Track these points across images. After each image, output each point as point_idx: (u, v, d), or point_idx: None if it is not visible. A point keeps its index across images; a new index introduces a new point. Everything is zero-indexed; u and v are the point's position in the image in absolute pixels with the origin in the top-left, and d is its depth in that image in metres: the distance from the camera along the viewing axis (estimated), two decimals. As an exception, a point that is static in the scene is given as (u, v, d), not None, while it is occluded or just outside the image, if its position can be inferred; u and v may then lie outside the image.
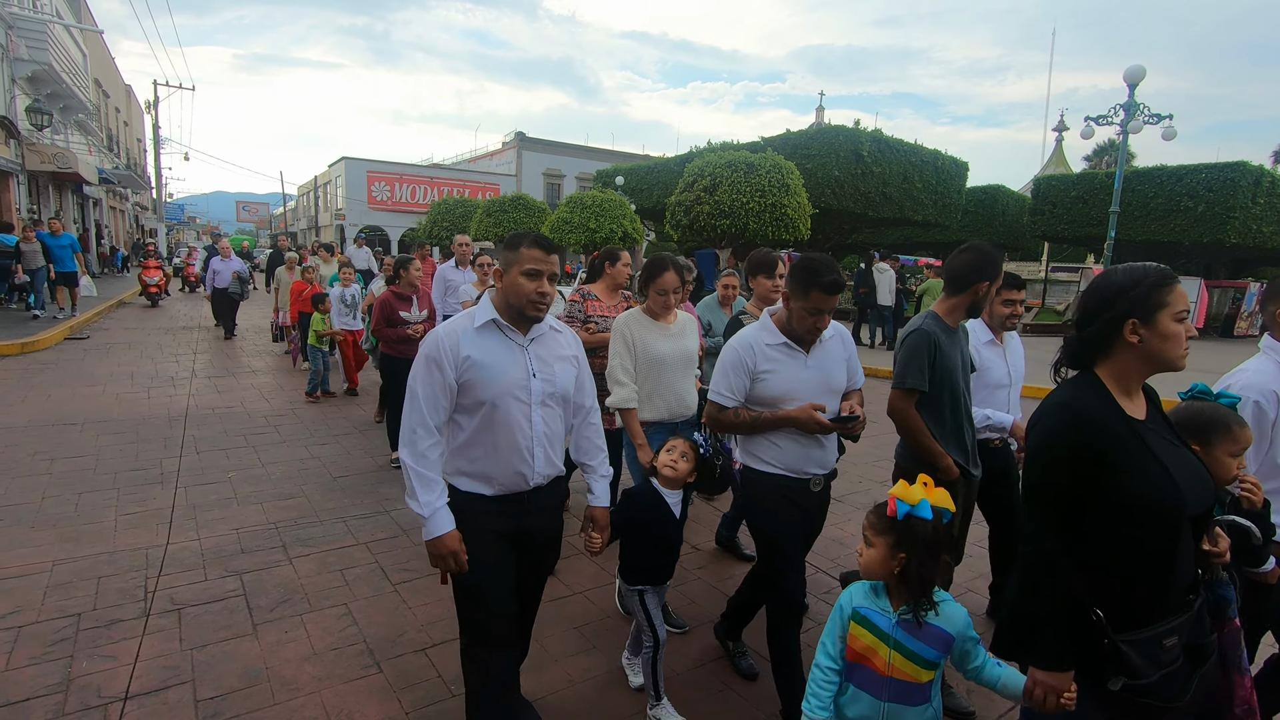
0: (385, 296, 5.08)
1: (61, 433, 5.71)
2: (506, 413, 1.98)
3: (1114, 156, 27.34)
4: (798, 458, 2.37)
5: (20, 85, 16.00)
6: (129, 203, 36.61)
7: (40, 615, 2.99)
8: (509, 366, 1.99)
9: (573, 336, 2.23)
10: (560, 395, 2.09)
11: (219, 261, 11.44)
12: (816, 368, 2.38)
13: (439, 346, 1.95)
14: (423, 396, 1.94)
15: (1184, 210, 18.32)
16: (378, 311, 5.06)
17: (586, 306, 3.63)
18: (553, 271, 1.99)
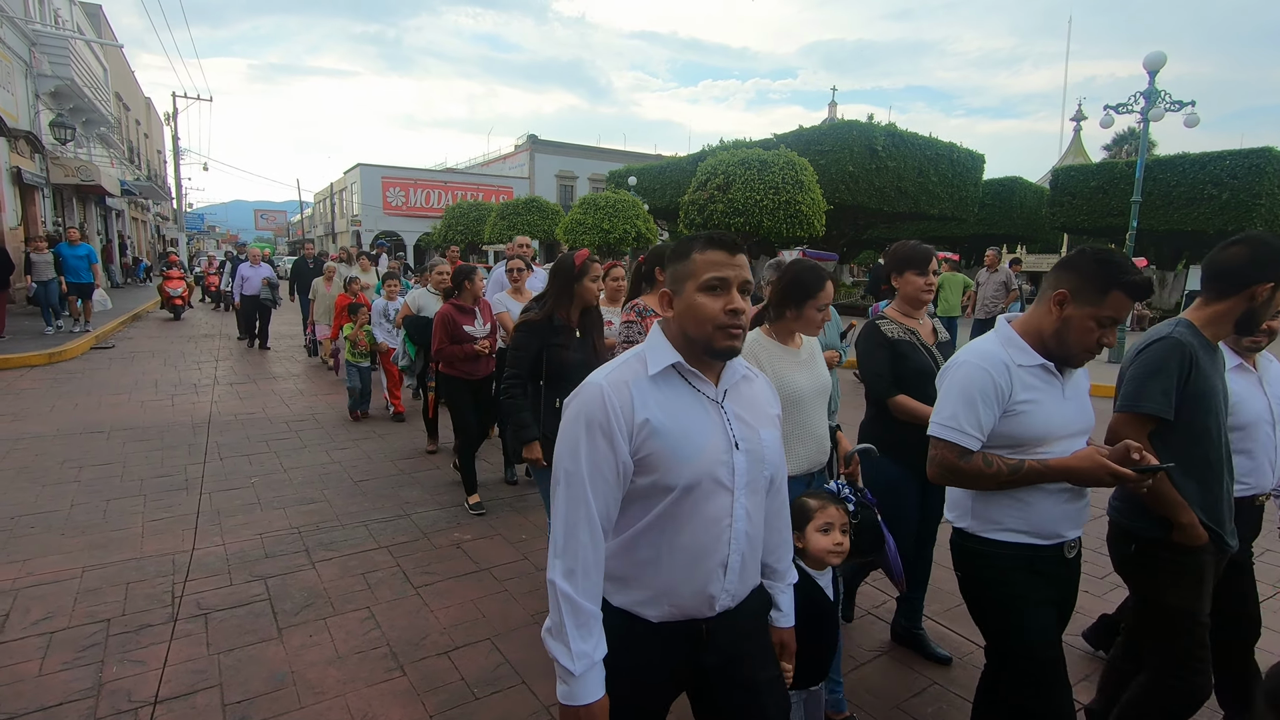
0: (446, 311, 4.51)
1: (89, 441, 5.81)
2: (700, 503, 1.33)
3: (1134, 146, 26.92)
4: (1052, 517, 1.77)
5: (44, 100, 16.33)
6: (150, 213, 37.25)
7: (72, 621, 3.04)
8: (706, 434, 1.35)
9: (767, 385, 1.56)
10: (770, 474, 1.44)
11: (248, 268, 11.24)
12: (1074, 398, 1.81)
13: (605, 405, 1.30)
14: (589, 482, 1.30)
15: (1208, 198, 17.98)
16: (439, 328, 4.47)
17: (645, 326, 3.12)
18: (744, 279, 1.35)
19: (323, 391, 8.19)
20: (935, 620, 3.22)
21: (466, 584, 3.48)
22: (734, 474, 1.36)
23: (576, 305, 3.12)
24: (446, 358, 4.50)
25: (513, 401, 3.03)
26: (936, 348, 2.75)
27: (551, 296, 3.10)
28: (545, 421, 3.04)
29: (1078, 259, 1.73)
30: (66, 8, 19.62)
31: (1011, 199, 26.41)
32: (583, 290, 3.09)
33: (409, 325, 5.84)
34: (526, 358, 3.04)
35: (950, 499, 1.95)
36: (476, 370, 4.56)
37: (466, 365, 4.52)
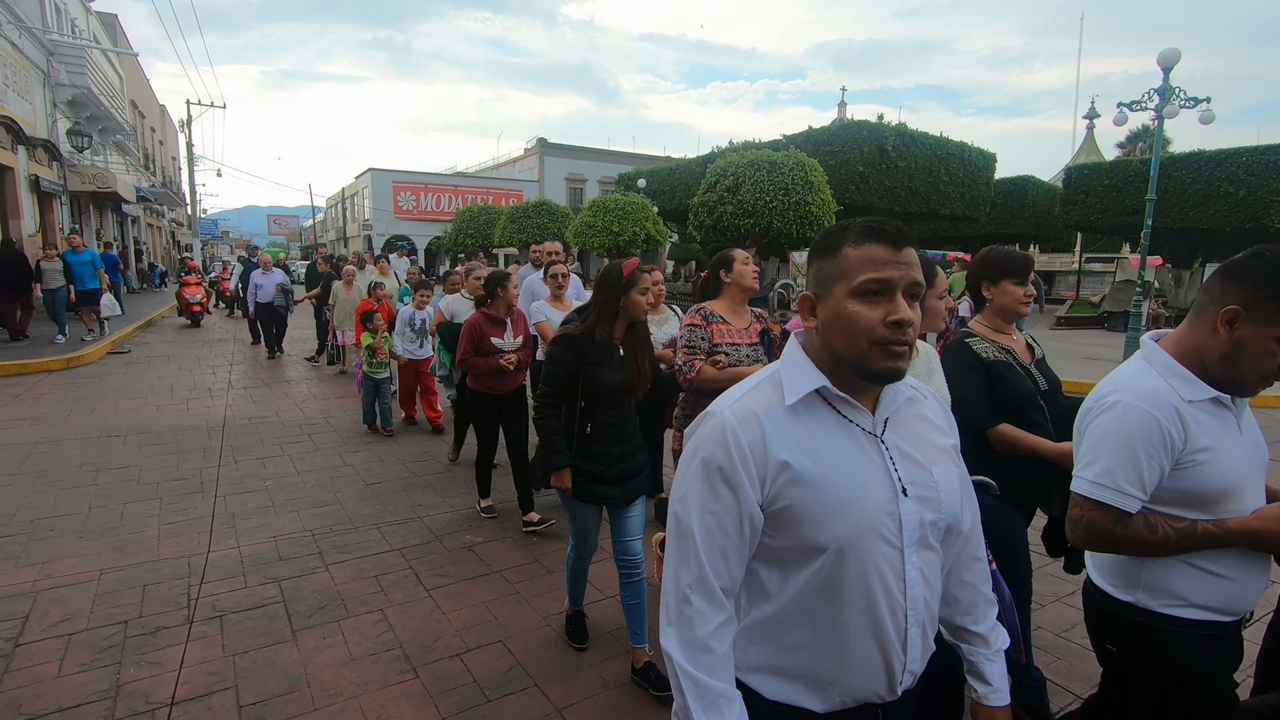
0: (475, 320, 4.18)
1: (106, 444, 5.88)
2: (862, 568, 1.05)
3: (1148, 143, 26.64)
4: (1240, 589, 1.47)
5: (62, 109, 16.56)
6: (165, 219, 37.69)
7: (90, 623, 3.07)
8: (863, 478, 1.07)
9: (940, 407, 1.25)
10: (947, 523, 1.14)
11: (260, 275, 10.86)
12: (1250, 433, 1.50)
13: (729, 443, 1.05)
14: (703, 538, 1.06)
15: (1224, 196, 17.75)
16: (465, 338, 4.15)
17: (711, 332, 2.88)
18: (912, 280, 1.04)
19: (335, 395, 8.25)
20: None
21: (478, 586, 3.49)
22: (902, 527, 1.08)
23: (622, 320, 2.75)
24: (470, 369, 4.19)
25: (545, 423, 2.74)
26: (1035, 366, 2.39)
27: (595, 309, 2.75)
28: (576, 447, 2.74)
29: (1254, 265, 1.39)
30: (83, 17, 19.91)
31: (1024, 198, 26.19)
32: (630, 304, 2.71)
33: (444, 333, 5.54)
34: (562, 375, 2.72)
35: (1101, 561, 1.62)
36: (502, 385, 4.24)
37: (491, 379, 4.21)
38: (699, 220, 16.48)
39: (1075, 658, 2.91)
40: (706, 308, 3.00)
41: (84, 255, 11.32)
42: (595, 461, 2.70)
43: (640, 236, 18.66)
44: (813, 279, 1.13)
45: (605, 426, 2.70)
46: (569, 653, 2.92)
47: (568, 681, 2.71)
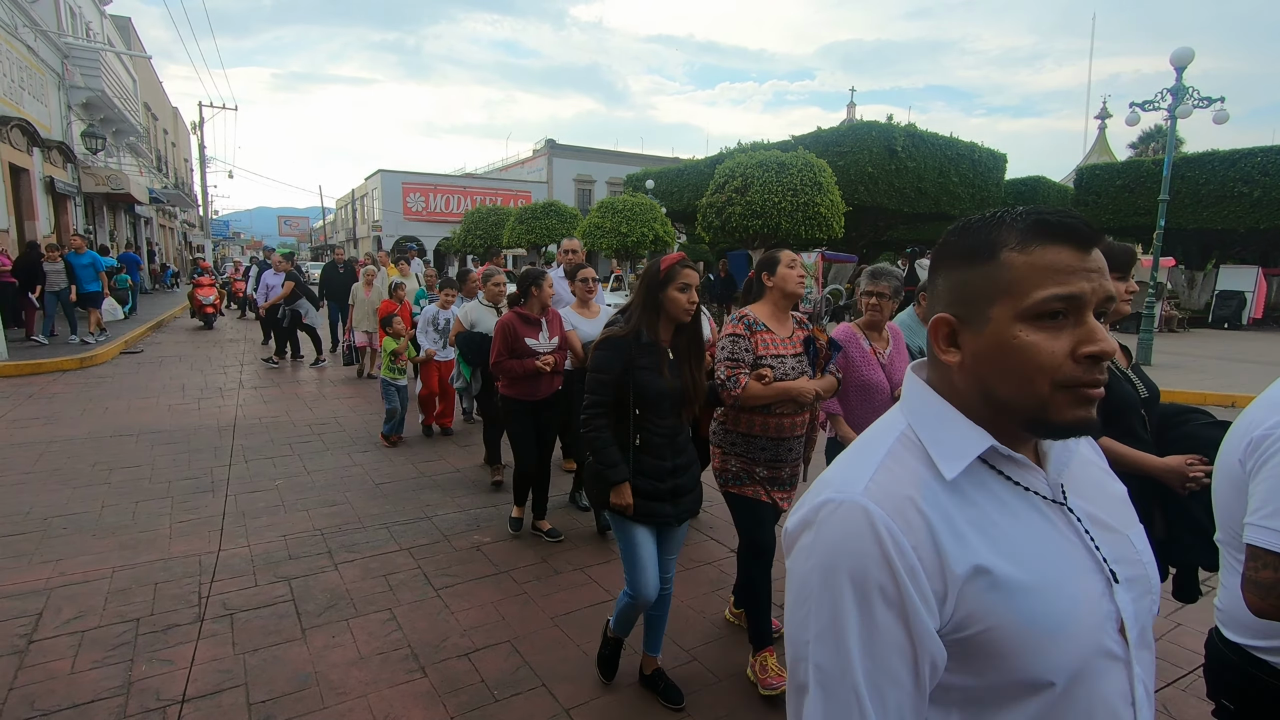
0: (508, 320, 3.93)
1: (119, 444, 5.93)
2: (1089, 700, 0.75)
3: (1160, 143, 26.41)
4: None
5: (76, 111, 16.74)
6: (178, 220, 38.02)
7: (102, 620, 3.10)
8: (1071, 571, 0.76)
9: (1091, 445, 0.95)
10: (1151, 605, 0.84)
11: (272, 276, 10.62)
12: None
13: (884, 548, 0.71)
14: (869, 689, 0.71)
15: (1238, 196, 17.60)
16: (499, 340, 3.90)
17: (755, 342, 2.61)
18: (1106, 294, 0.74)
19: (345, 395, 8.29)
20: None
21: (486, 586, 3.50)
22: (1124, 630, 0.77)
23: (665, 321, 2.52)
24: (504, 373, 3.92)
25: (595, 435, 2.48)
26: (1131, 370, 2.21)
27: (637, 308, 2.53)
28: (633, 465, 2.50)
29: None
30: (98, 21, 20.13)
31: (1035, 199, 26.02)
32: (669, 302, 2.47)
33: (462, 343, 5.06)
34: (609, 381, 2.47)
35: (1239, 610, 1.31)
36: (537, 390, 4.00)
37: (526, 384, 3.95)
38: (707, 221, 16.46)
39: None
40: (750, 315, 2.69)
41: (84, 258, 11.06)
42: (647, 476, 2.47)
43: (648, 238, 18.66)
44: (949, 294, 0.80)
45: (657, 437, 2.49)
46: (577, 653, 2.92)
47: (576, 682, 2.71)
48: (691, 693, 2.66)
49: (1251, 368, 10.21)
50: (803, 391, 2.54)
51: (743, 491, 2.67)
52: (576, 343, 4.10)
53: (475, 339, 4.94)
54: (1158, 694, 2.67)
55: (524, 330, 3.93)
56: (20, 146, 12.98)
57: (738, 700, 2.64)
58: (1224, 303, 18.09)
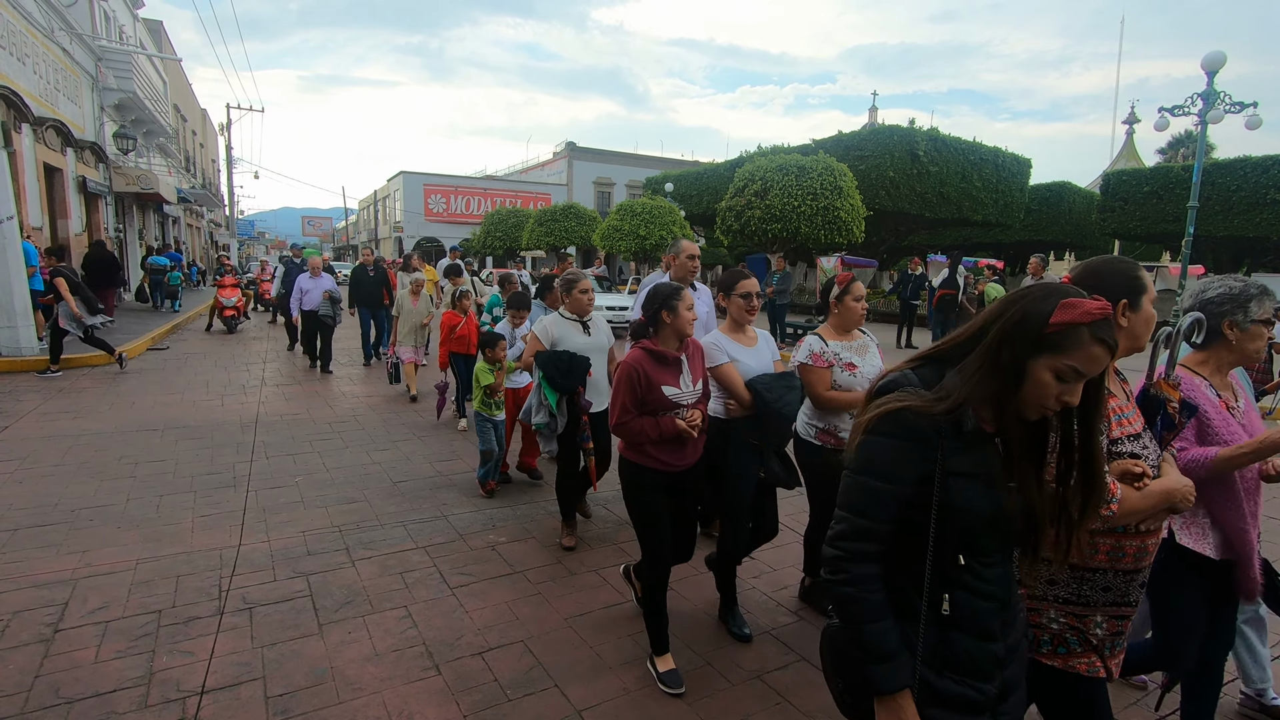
0: (636, 362, 2.71)
1: (144, 438, 6.05)
2: None
3: (1190, 149, 25.91)
4: None
5: (108, 113, 17.12)
6: (204, 220, 38.73)
7: (125, 611, 3.16)
8: None
9: None
10: None
11: (307, 280, 9.76)
12: None
13: None
14: None
15: (1271, 203, 17.23)
16: (623, 390, 2.70)
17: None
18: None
19: (365, 394, 8.38)
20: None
21: (501, 586, 3.52)
22: None
23: (1019, 404, 1.30)
24: (632, 436, 2.73)
25: (856, 593, 1.33)
26: None
27: (973, 374, 1.31)
28: (923, 644, 1.33)
29: None
30: (130, 24, 20.58)
31: (1060, 204, 25.66)
32: (1040, 380, 1.26)
33: (546, 365, 3.79)
34: (893, 498, 1.33)
35: None
36: (680, 459, 2.79)
37: (665, 451, 2.74)
38: (726, 225, 16.43)
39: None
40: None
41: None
42: (964, 673, 1.34)
43: (667, 240, 18.67)
44: None
45: (982, 600, 1.33)
46: (590, 654, 2.92)
47: (588, 683, 2.71)
48: (706, 695, 2.65)
49: None
50: (1186, 494, 1.62)
51: (1071, 665, 1.63)
52: (737, 381, 2.97)
53: (562, 359, 3.80)
54: (1182, 710, 2.61)
55: (659, 374, 2.71)
56: (55, 147, 13.30)
57: (753, 704, 2.62)
58: None
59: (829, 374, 3.01)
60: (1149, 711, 2.62)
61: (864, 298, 3.10)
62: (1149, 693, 2.74)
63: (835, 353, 3.05)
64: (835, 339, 3.10)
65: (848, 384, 3.02)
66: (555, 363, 3.77)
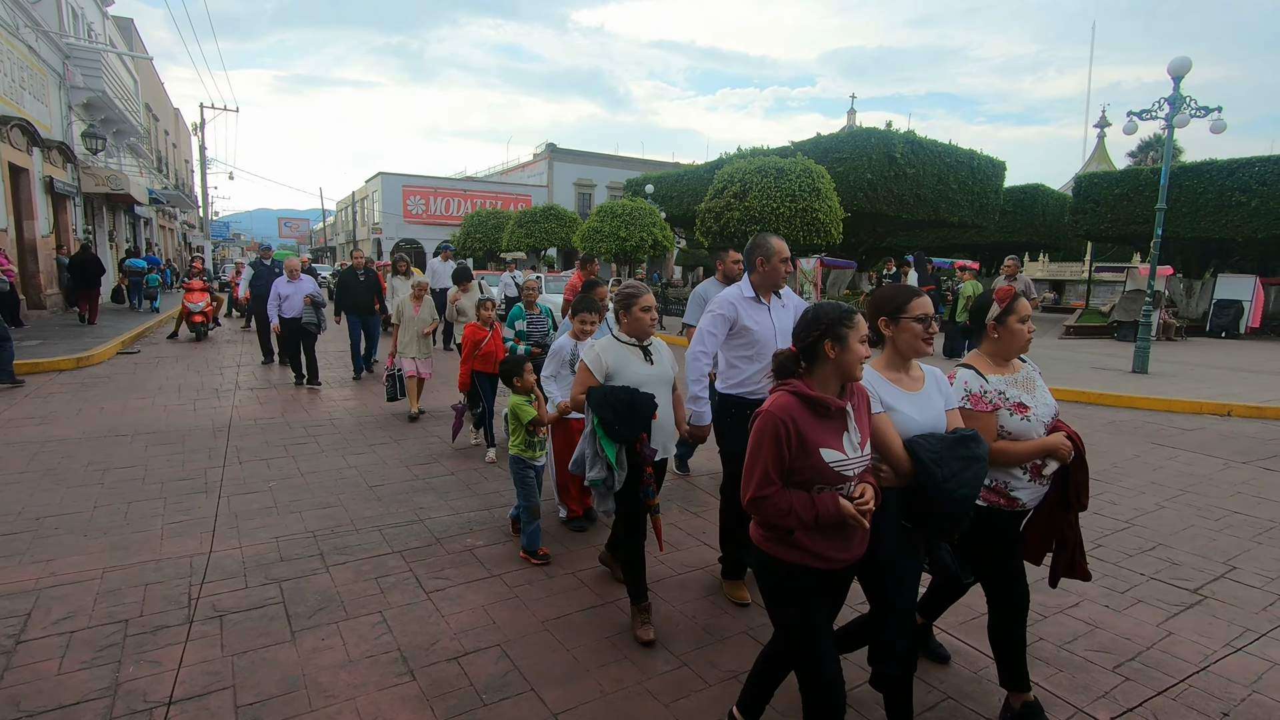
0: (785, 411, 1.97)
1: (113, 444, 5.92)
2: None
3: (1159, 152, 26.49)
4: None
5: (77, 112, 16.76)
6: (177, 221, 38.03)
7: (91, 621, 3.09)
8: None
9: None
10: None
11: (285, 284, 8.69)
12: None
13: None
14: None
15: (1236, 205, 17.63)
16: (767, 454, 1.96)
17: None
18: None
19: (341, 398, 8.28)
20: (950, 633, 3.17)
21: (478, 590, 3.49)
22: None
23: None
24: (776, 518, 1.97)
25: None
26: None
27: None
28: None
29: None
30: (99, 22, 20.17)
31: (1034, 206, 26.07)
32: None
33: (601, 406, 2.97)
34: None
35: None
36: (843, 550, 2.05)
37: (821, 541, 2.00)
38: (706, 226, 16.47)
39: (1077, 670, 2.88)
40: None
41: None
42: None
43: (647, 242, 18.69)
44: None
45: None
46: (567, 657, 2.91)
47: (565, 686, 2.70)
48: (683, 695, 2.65)
49: (1247, 376, 10.20)
50: None
51: None
52: (893, 441, 2.16)
53: (621, 398, 2.97)
54: (1148, 702, 2.66)
55: (817, 431, 1.96)
56: (20, 146, 12.99)
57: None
58: (1222, 311, 18.10)
59: (994, 419, 2.36)
60: (1117, 704, 2.66)
61: (1030, 318, 2.45)
62: None
63: (999, 390, 2.38)
64: (995, 372, 2.44)
65: (1020, 430, 2.35)
66: (613, 403, 2.95)
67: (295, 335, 8.84)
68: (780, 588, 2.08)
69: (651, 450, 3.04)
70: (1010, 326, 2.41)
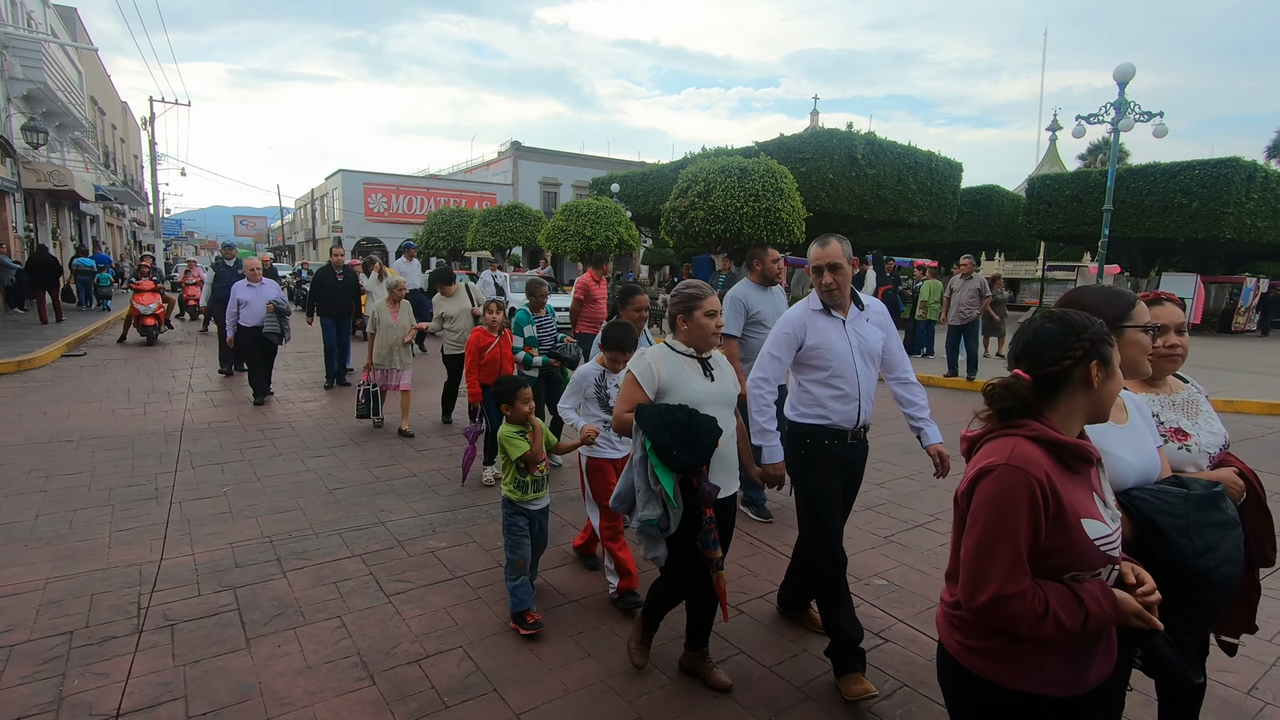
0: (1030, 461, 1.35)
1: (57, 450, 5.70)
2: None
3: (1108, 155, 27.49)
4: None
5: (16, 104, 16.06)
6: (127, 219, 36.71)
7: (33, 633, 2.97)
8: None
9: None
10: None
11: (245, 288, 7.70)
12: None
13: None
14: None
15: (1178, 207, 18.39)
16: (1013, 520, 1.32)
17: None
18: None
19: (299, 400, 8.10)
20: (907, 624, 3.24)
21: (440, 592, 3.46)
22: None
23: None
24: (1028, 624, 1.33)
25: None
26: None
27: None
28: None
29: None
30: (40, 10, 19.36)
31: (989, 207, 26.81)
32: None
33: (656, 428, 2.41)
34: None
35: None
36: (1093, 668, 1.44)
37: (1071, 660, 1.41)
38: (670, 225, 16.54)
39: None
40: None
41: None
42: None
43: (613, 241, 18.67)
44: None
45: None
46: (530, 658, 2.90)
47: (527, 686, 2.69)
48: (645, 692, 2.67)
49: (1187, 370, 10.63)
50: None
51: None
52: None
53: (679, 419, 2.40)
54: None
55: (1073, 495, 1.38)
56: (-46, 140, 12.39)
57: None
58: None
59: None
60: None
61: (1171, 329, 1.97)
62: None
63: (1153, 414, 1.90)
64: (1145, 390, 1.96)
65: (1177, 462, 1.86)
66: (669, 424, 2.37)
67: (254, 346, 7.73)
68: None
69: (713, 487, 2.42)
70: (1130, 339, 1.78)
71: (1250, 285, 19.32)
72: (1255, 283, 19.48)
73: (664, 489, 2.39)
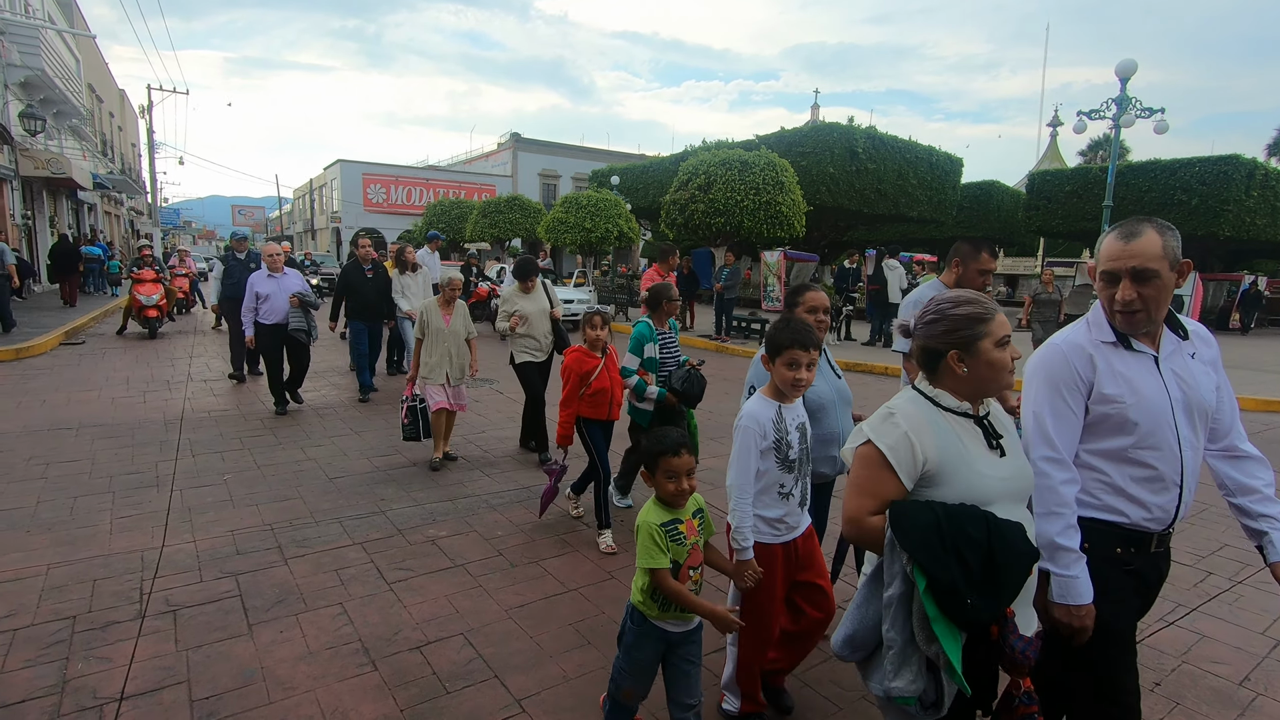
0: None
1: (57, 438, 5.70)
2: None
3: (1109, 151, 27.48)
4: None
5: (13, 91, 15.98)
6: (124, 207, 36.58)
7: (36, 618, 2.99)
8: None
9: None
10: None
11: (265, 279, 6.66)
12: None
13: None
14: None
15: (1178, 203, 18.40)
16: None
17: None
18: None
19: (306, 393, 8.08)
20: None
21: (440, 579, 3.48)
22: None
23: None
24: None
25: None
26: None
27: None
28: None
29: None
30: (37, -3, 19.21)
31: (989, 202, 26.81)
32: None
33: (935, 552, 1.45)
34: None
35: None
36: None
37: None
38: (671, 218, 16.52)
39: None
40: None
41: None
42: None
43: (613, 234, 18.64)
44: None
45: None
46: (530, 644, 2.92)
47: (528, 673, 2.72)
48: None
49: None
50: None
51: None
52: None
53: (973, 540, 1.47)
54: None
55: None
56: (-49, 126, 12.33)
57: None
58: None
59: None
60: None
61: None
62: None
63: None
64: None
65: None
66: (960, 547, 1.46)
67: (279, 346, 6.75)
68: None
69: (1025, 641, 1.51)
70: None
71: (1247, 283, 19.35)
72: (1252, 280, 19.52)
73: (945, 654, 1.44)
